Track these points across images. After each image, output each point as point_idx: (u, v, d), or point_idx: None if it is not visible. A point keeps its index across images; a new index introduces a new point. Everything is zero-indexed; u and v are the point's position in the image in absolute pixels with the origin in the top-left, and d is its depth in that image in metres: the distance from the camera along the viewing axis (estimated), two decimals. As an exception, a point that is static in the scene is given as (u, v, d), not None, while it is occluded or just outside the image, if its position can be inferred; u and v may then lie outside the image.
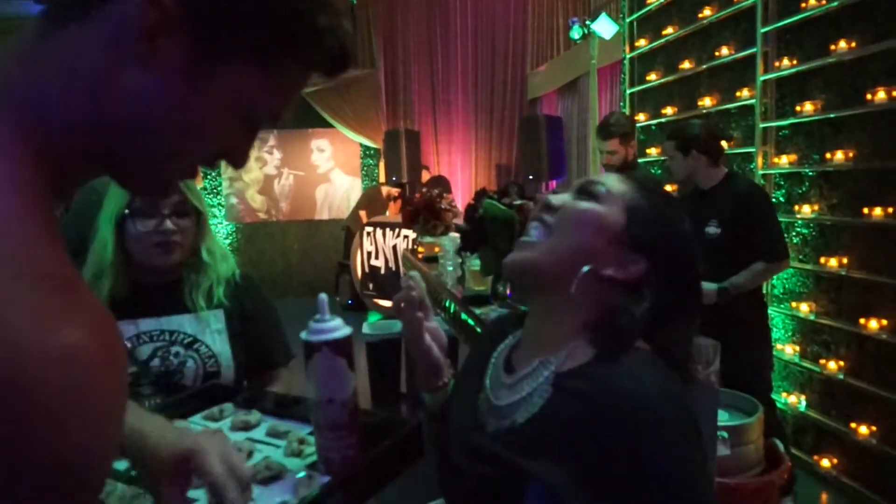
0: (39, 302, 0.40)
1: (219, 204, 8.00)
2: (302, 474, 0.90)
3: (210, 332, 1.41)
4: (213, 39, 0.49)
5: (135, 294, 1.40)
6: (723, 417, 2.00)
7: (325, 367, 0.88)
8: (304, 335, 0.90)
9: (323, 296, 0.91)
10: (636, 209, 0.84)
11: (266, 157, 8.10)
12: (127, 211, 1.37)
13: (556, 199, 0.87)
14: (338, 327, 0.89)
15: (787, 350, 3.30)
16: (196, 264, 1.43)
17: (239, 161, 0.58)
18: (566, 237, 0.83)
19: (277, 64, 0.53)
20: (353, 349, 0.91)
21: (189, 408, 1.14)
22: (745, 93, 3.63)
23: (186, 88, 0.50)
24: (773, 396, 3.12)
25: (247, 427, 1.06)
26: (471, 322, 2.24)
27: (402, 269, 4.69)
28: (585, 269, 0.81)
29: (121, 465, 0.92)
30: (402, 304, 0.94)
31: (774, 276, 3.39)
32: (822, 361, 3.09)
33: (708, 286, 2.66)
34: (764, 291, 3.24)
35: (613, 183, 0.87)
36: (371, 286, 6.05)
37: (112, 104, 0.48)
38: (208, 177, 7.96)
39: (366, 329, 3.71)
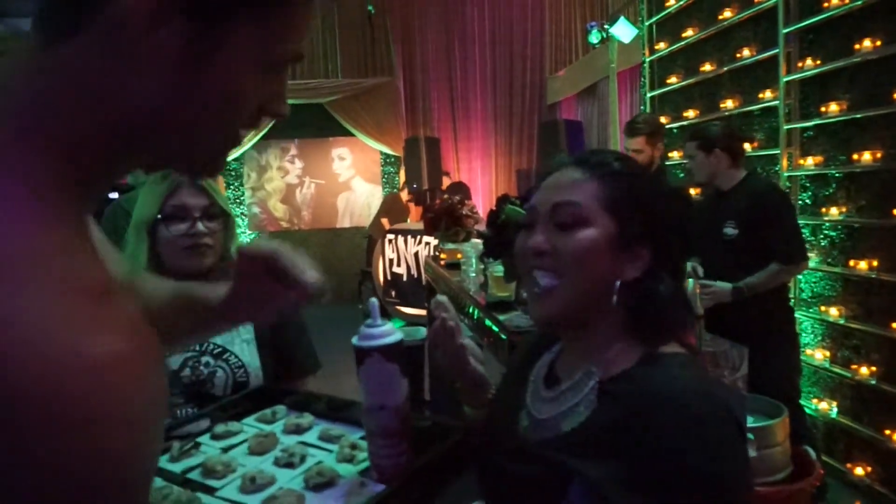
0: (71, 311, 0.41)
1: (241, 213, 8.08)
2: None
3: (239, 341, 1.43)
4: (209, 11, 0.48)
5: None
6: (748, 421, 1.97)
7: (376, 373, 0.87)
8: (355, 340, 0.88)
9: (374, 300, 0.91)
10: (617, 207, 0.82)
11: (288, 167, 8.17)
12: (159, 216, 1.39)
13: (539, 243, 0.83)
14: (389, 332, 0.88)
15: (817, 355, 3.25)
16: (225, 269, 1.45)
17: (280, 109, 0.57)
18: (576, 276, 0.81)
19: (277, 7, 0.52)
20: (404, 354, 0.89)
21: (242, 409, 1.15)
22: (767, 94, 3.59)
23: (198, 66, 0.49)
24: (803, 403, 3.07)
25: (299, 430, 1.05)
26: (495, 328, 2.23)
27: (424, 276, 4.70)
28: (618, 283, 0.81)
29: (176, 467, 0.93)
30: (441, 333, 0.94)
31: (801, 279, 3.35)
32: (853, 366, 3.03)
33: (722, 285, 2.65)
34: (791, 295, 3.19)
35: (582, 188, 0.83)
36: (393, 293, 6.06)
37: (128, 101, 0.48)
38: (231, 187, 8.05)
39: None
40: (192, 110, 0.50)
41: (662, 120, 4.57)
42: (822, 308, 3.22)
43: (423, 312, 4.30)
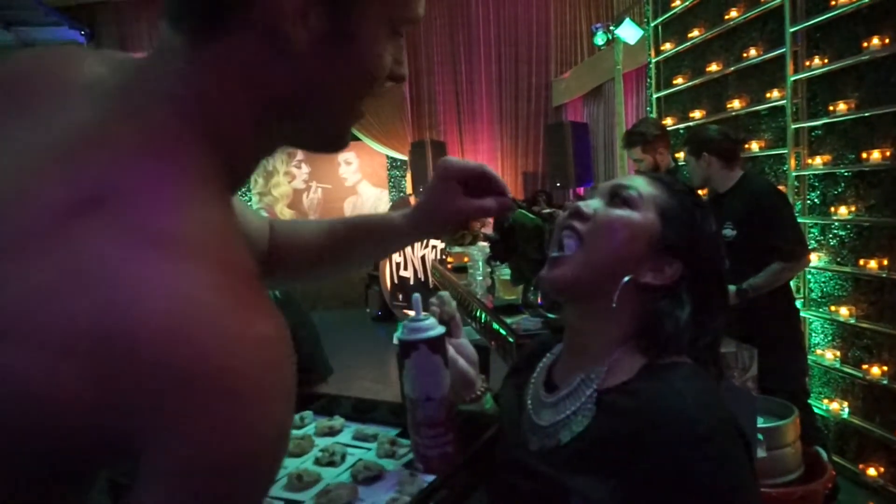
0: (236, 292, 0.43)
1: (249, 219, 8.11)
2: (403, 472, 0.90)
3: None
4: None
5: None
6: (759, 422, 1.96)
7: (422, 366, 0.88)
8: (399, 335, 0.90)
9: (417, 295, 0.92)
10: (669, 212, 0.83)
11: (294, 172, 8.20)
12: None
13: (587, 206, 0.84)
14: (433, 326, 0.89)
15: (828, 355, 3.22)
16: None
17: (401, 71, 0.60)
18: (601, 247, 0.81)
19: None
20: (447, 347, 0.92)
21: None
22: (775, 93, 3.57)
23: (343, 42, 0.52)
24: (815, 403, 3.05)
25: (332, 432, 1.06)
26: (502, 331, 2.23)
27: (431, 280, 4.70)
28: (626, 279, 0.79)
29: None
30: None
31: (810, 279, 3.32)
32: (865, 366, 3.01)
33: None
34: (800, 295, 3.17)
35: (644, 186, 0.85)
36: (400, 297, 6.06)
37: (282, 87, 0.51)
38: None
39: (400, 335, 3.72)
40: (337, 86, 0.54)
41: (669, 121, 4.56)
42: (833, 308, 3.20)
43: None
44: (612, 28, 5.30)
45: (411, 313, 0.92)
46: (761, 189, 2.80)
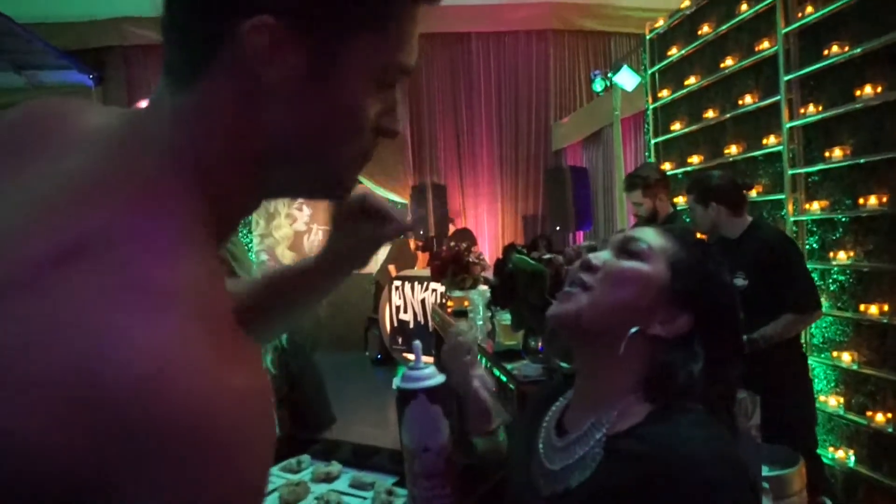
0: (216, 344, 0.42)
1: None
2: None
3: None
4: (323, 28, 0.50)
5: None
6: (763, 470, 1.93)
7: (421, 415, 0.88)
8: (398, 383, 0.90)
9: (418, 342, 0.92)
10: (679, 264, 0.83)
11: (296, 214, 8.25)
12: None
13: (597, 258, 0.85)
14: (432, 374, 0.89)
15: (831, 401, 3.19)
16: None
17: (394, 125, 0.58)
18: (609, 293, 0.82)
19: (386, 18, 0.52)
20: (447, 397, 0.91)
21: None
22: (771, 139, 3.62)
23: (320, 85, 0.51)
24: (820, 452, 3.00)
25: (328, 478, 1.05)
26: (503, 378, 2.21)
27: (430, 324, 4.68)
28: (633, 330, 0.80)
29: None
30: (455, 350, 0.97)
31: (812, 324, 3.31)
32: (869, 413, 2.97)
33: None
34: (802, 341, 3.15)
35: (653, 238, 0.86)
36: (400, 340, 6.03)
37: (261, 132, 0.51)
38: (239, 234, 8.12)
39: (396, 382, 3.68)
40: (318, 131, 0.52)
41: (667, 166, 4.61)
42: (835, 353, 3.18)
43: (429, 359, 4.26)
44: (610, 75, 5.41)
45: (411, 357, 0.92)
46: (773, 238, 2.77)
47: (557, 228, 6.49)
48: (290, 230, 8.23)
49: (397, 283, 6.17)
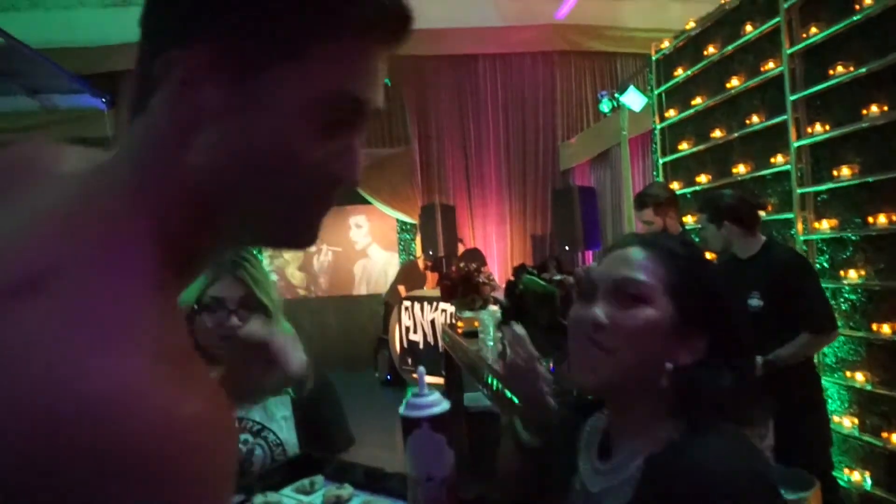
0: (167, 373, 0.43)
1: (259, 281, 8.14)
2: None
3: (276, 419, 1.43)
4: (246, 59, 0.48)
5: None
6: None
7: (424, 444, 0.87)
8: (402, 410, 0.89)
9: (422, 369, 0.93)
10: (678, 288, 0.84)
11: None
12: (196, 306, 1.40)
13: (600, 317, 0.84)
14: (437, 402, 0.89)
15: (845, 422, 3.16)
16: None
17: (346, 173, 0.52)
18: (630, 351, 0.83)
19: (313, 46, 0.48)
20: (452, 424, 0.91)
21: (280, 479, 1.14)
22: (779, 159, 3.63)
23: (248, 120, 0.49)
24: (836, 474, 2.97)
25: (339, 501, 1.05)
26: (515, 399, 2.21)
27: (440, 344, 4.67)
28: (669, 366, 0.82)
29: None
30: (520, 366, 1.03)
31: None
32: (884, 434, 2.94)
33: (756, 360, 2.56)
34: (816, 361, 3.13)
35: (644, 262, 0.85)
36: (410, 361, 6.03)
37: (192, 164, 0.49)
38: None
39: (403, 411, 3.68)
40: (252, 167, 0.50)
41: (675, 185, 4.62)
42: (848, 373, 3.16)
43: (440, 380, 4.26)
44: (617, 95, 5.44)
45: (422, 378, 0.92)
46: (788, 258, 2.75)
47: (566, 248, 6.49)
48: (299, 251, 8.26)
49: (407, 303, 6.18)
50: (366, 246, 8.36)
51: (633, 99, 5.20)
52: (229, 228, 0.53)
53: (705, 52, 4.30)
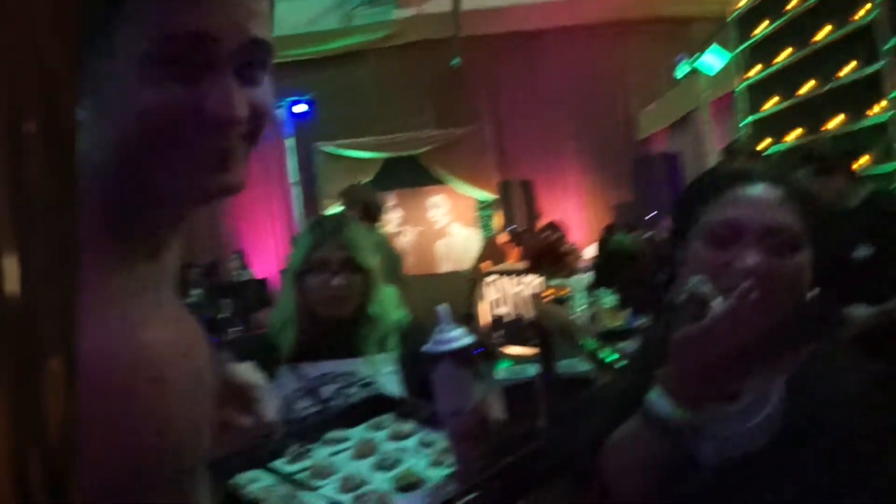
0: (118, 314, 0.50)
1: (346, 265, 8.44)
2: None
3: (385, 372, 1.55)
4: (96, 29, 0.48)
5: (316, 340, 1.57)
6: None
7: (448, 378, 0.89)
8: (426, 347, 0.91)
9: (445, 306, 0.92)
10: (812, 226, 0.81)
11: (388, 217, 8.51)
12: (302, 268, 1.54)
13: (759, 265, 0.77)
14: (459, 337, 0.89)
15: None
16: (367, 315, 1.58)
17: (223, 110, 0.49)
18: (787, 302, 0.75)
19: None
20: (477, 359, 0.91)
21: (354, 418, 1.20)
22: (875, 110, 3.50)
23: (101, 84, 0.49)
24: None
25: (401, 436, 1.10)
26: (612, 357, 2.29)
27: (528, 315, 4.77)
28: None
29: (291, 468, 1.02)
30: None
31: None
32: None
33: (864, 310, 2.40)
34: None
35: (794, 214, 0.80)
36: (498, 334, 6.14)
37: (94, 144, 0.50)
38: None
39: (500, 375, 3.81)
40: (129, 133, 0.49)
41: (764, 145, 4.51)
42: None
43: (530, 351, 4.36)
44: (695, 57, 5.33)
45: (511, 350, 0.96)
46: None
47: (651, 216, 6.43)
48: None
49: (491, 278, 6.29)
50: (446, 224, 8.51)
51: (713, 59, 5.08)
52: (142, 192, 0.52)
53: (787, 7, 4.16)
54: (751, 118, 4.78)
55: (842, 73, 3.72)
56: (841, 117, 3.81)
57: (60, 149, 0.29)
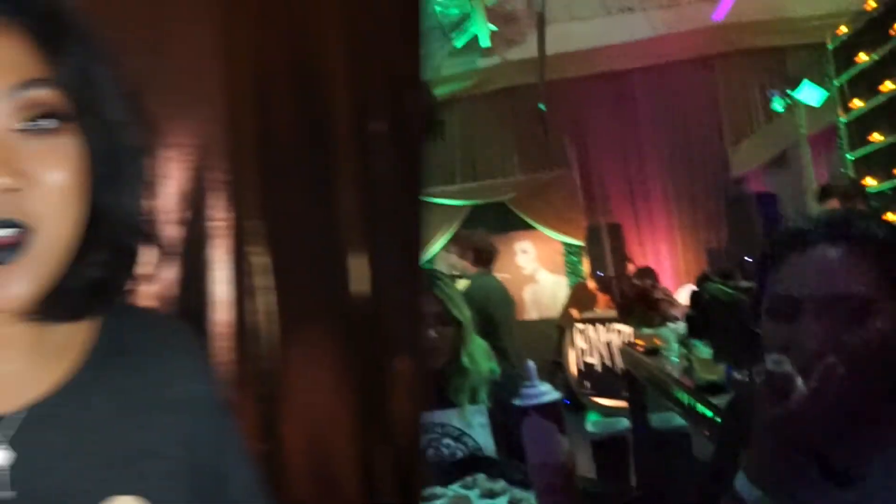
0: None
1: (434, 312, 8.50)
2: None
3: (474, 426, 1.56)
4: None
5: None
6: None
7: (535, 431, 0.92)
8: (514, 401, 0.96)
9: (531, 362, 0.99)
10: (884, 279, 0.74)
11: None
12: None
13: (826, 343, 0.71)
14: (547, 392, 0.94)
15: None
16: (459, 367, 1.60)
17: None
18: (871, 375, 0.72)
19: None
20: (563, 413, 0.95)
21: (451, 476, 1.26)
22: None
23: None
24: None
25: (492, 495, 1.15)
26: (708, 413, 2.16)
27: (618, 365, 4.61)
28: None
29: None
30: None
31: None
32: None
33: None
34: None
35: (862, 274, 0.73)
36: (587, 384, 5.97)
37: None
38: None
39: (590, 428, 3.68)
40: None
41: (870, 181, 4.23)
42: None
43: (619, 403, 4.20)
44: (789, 92, 5.11)
45: (601, 401, 0.98)
46: None
47: (747, 259, 6.12)
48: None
49: (580, 325, 6.16)
50: (533, 271, 8.44)
51: (810, 93, 4.85)
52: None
53: (891, 32, 3.93)
54: (857, 153, 4.50)
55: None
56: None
57: (409, 149, 0.29)
